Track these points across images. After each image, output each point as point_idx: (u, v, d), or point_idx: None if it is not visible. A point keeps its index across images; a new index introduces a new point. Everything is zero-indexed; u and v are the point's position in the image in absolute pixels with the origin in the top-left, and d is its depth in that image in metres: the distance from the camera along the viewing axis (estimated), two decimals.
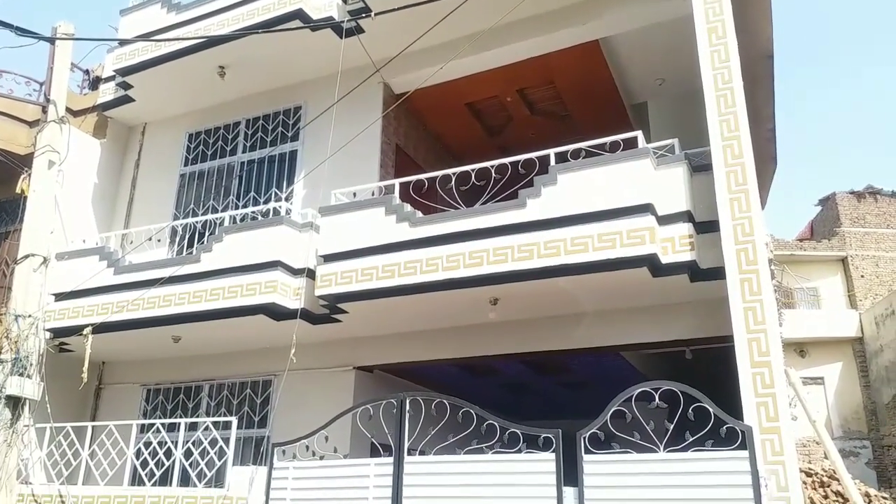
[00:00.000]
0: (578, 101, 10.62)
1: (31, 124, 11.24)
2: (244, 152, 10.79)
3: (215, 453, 7.86)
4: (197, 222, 10.31)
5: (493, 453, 6.22)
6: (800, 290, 25.90)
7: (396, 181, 8.38)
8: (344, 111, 9.26)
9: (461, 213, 7.59)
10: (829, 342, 24.55)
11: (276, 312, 8.27)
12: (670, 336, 7.84)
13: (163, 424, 8.72)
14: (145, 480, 8.19)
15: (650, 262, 6.71)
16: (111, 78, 11.16)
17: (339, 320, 8.52)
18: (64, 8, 64.46)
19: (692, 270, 6.90)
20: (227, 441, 7.80)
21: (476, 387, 11.40)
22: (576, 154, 7.36)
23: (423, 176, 8.37)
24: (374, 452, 7.61)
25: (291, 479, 7.10)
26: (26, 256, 8.82)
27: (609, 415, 5.90)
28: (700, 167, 7.11)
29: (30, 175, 9.27)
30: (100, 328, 8.92)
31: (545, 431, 6.05)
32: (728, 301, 6.24)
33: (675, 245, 6.85)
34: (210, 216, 9.97)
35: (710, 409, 5.58)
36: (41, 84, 11.23)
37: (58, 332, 9.35)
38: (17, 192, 9.58)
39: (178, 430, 8.16)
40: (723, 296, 6.34)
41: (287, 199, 9.87)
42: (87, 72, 12.25)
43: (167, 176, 11.31)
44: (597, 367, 10.34)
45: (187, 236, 10.62)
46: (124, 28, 10.95)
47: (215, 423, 8.10)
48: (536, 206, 7.18)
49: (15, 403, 8.20)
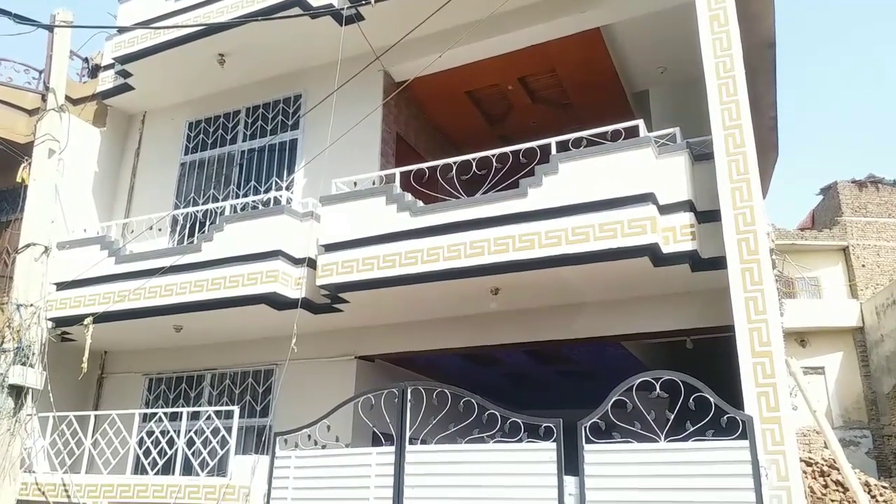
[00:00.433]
0: (580, 89, 10.57)
1: (30, 113, 11.19)
2: (244, 141, 10.76)
3: (217, 442, 7.90)
4: (197, 211, 10.30)
5: (495, 443, 6.25)
6: (801, 279, 25.90)
7: (397, 170, 8.36)
8: (344, 100, 9.22)
9: (462, 202, 7.57)
10: (830, 332, 24.58)
11: (277, 302, 8.27)
12: (671, 326, 7.85)
13: (165, 414, 8.76)
14: (148, 469, 8.25)
15: (651, 252, 6.71)
16: (110, 66, 11.11)
17: (341, 310, 8.53)
18: None
19: (693, 260, 6.89)
20: (229, 430, 7.84)
21: (477, 376, 11.42)
22: (577, 143, 7.33)
23: (423, 165, 8.35)
24: (376, 442, 7.64)
25: (293, 468, 7.15)
26: (27, 246, 8.80)
27: (610, 404, 5.91)
28: (701, 156, 7.08)
29: (30, 164, 9.23)
30: (101, 318, 8.92)
31: (546, 421, 6.08)
32: (729, 291, 6.24)
33: (676, 235, 6.84)
34: (211, 205, 9.96)
35: (711, 399, 5.59)
36: (40, 72, 11.18)
37: (59, 322, 9.36)
38: (18, 181, 9.55)
39: (180, 420, 8.20)
40: (724, 285, 6.34)
41: (288, 189, 9.85)
42: (86, 60, 12.18)
43: (167, 165, 11.28)
44: (598, 356, 10.35)
45: (188, 225, 10.61)
46: (123, 15, 10.89)
47: (217, 413, 8.14)
48: (537, 195, 7.16)
49: (18, 392, 8.21)
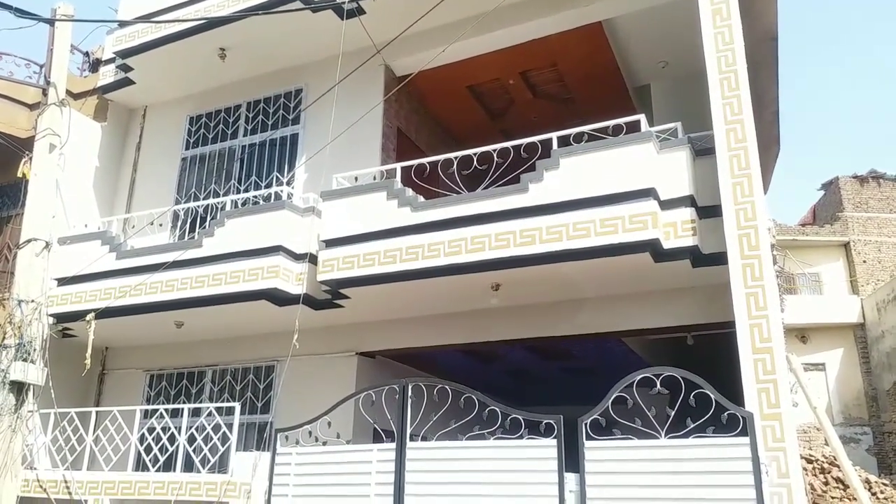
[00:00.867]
0: (581, 83, 10.53)
1: (31, 107, 11.19)
2: (245, 136, 10.73)
3: (219, 439, 7.91)
4: (198, 206, 10.29)
5: (495, 439, 6.24)
6: (802, 275, 25.88)
7: (398, 165, 8.33)
8: (345, 94, 9.19)
9: (463, 197, 7.55)
10: (831, 328, 24.58)
11: (278, 298, 8.27)
12: (672, 322, 7.84)
13: (166, 410, 8.78)
14: (149, 466, 8.26)
15: (652, 248, 6.69)
16: (111, 60, 11.09)
17: (342, 306, 8.52)
18: None
19: (694, 256, 6.88)
20: (230, 426, 7.84)
21: (478, 373, 11.43)
22: (578, 138, 7.31)
23: (424, 160, 8.31)
24: (377, 438, 7.65)
25: (294, 464, 7.15)
26: (28, 241, 8.80)
27: (611, 401, 5.91)
28: (703, 151, 7.05)
29: (31, 159, 9.23)
30: (103, 313, 8.92)
31: (547, 417, 6.08)
32: (730, 286, 6.22)
33: (677, 230, 6.82)
34: (212, 200, 9.96)
35: (712, 396, 5.58)
36: (41, 66, 11.13)
37: (61, 318, 9.37)
38: (19, 176, 9.55)
39: (181, 416, 8.21)
40: (725, 281, 6.32)
41: (288, 184, 9.84)
42: (87, 54, 12.15)
43: (168, 159, 11.27)
44: (598, 352, 10.36)
45: (189, 221, 10.58)
46: (124, 9, 10.85)
47: (218, 409, 8.16)
48: (538, 190, 7.14)
49: (19, 389, 8.23)
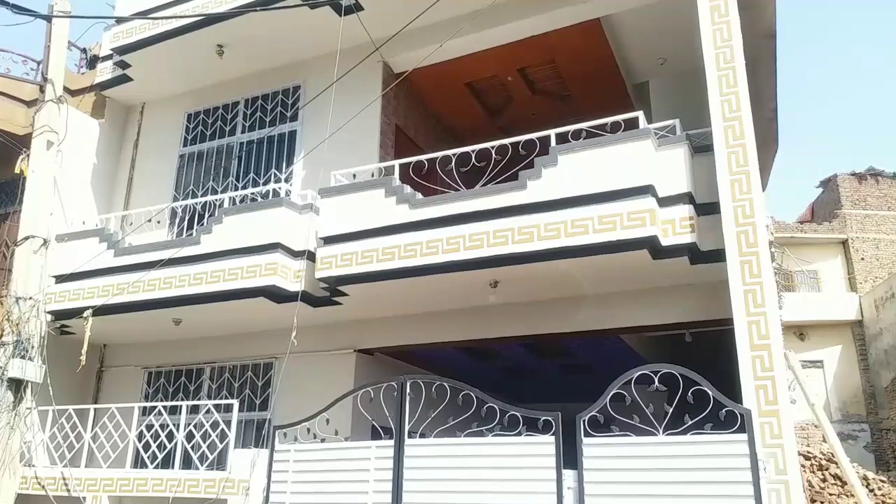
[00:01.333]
0: (579, 80, 10.52)
1: (28, 104, 11.15)
2: (243, 132, 10.71)
3: (217, 436, 7.91)
4: (196, 203, 10.27)
5: (494, 436, 6.25)
6: (800, 272, 25.88)
7: (396, 162, 8.33)
8: (343, 91, 9.18)
9: (461, 194, 7.55)
10: (829, 325, 24.59)
11: (276, 295, 8.26)
12: (670, 319, 7.84)
13: (164, 407, 8.78)
14: (147, 463, 8.26)
15: (650, 245, 6.69)
16: (109, 57, 11.06)
17: (340, 303, 8.52)
18: None
19: (692, 253, 6.88)
20: (228, 424, 7.85)
21: (476, 370, 11.43)
22: (576, 135, 7.30)
23: (423, 157, 8.31)
24: (375, 435, 7.66)
25: (293, 461, 7.14)
26: (26, 238, 8.82)
27: (609, 398, 5.91)
28: (701, 148, 7.06)
29: (28, 155, 9.24)
30: (100, 310, 8.92)
31: (545, 414, 6.07)
32: (728, 284, 6.23)
33: (675, 227, 6.82)
34: (209, 197, 9.93)
35: (710, 393, 5.59)
36: (38, 63, 11.12)
37: (59, 315, 9.36)
38: (16, 172, 9.54)
39: (179, 413, 8.21)
40: (723, 278, 6.32)
41: (287, 181, 9.82)
42: (84, 50, 12.12)
43: (166, 156, 11.24)
44: (597, 349, 10.36)
45: (187, 218, 10.56)
46: (121, 6, 10.84)
47: (217, 406, 8.14)
48: (537, 187, 7.14)
49: (17, 386, 8.24)
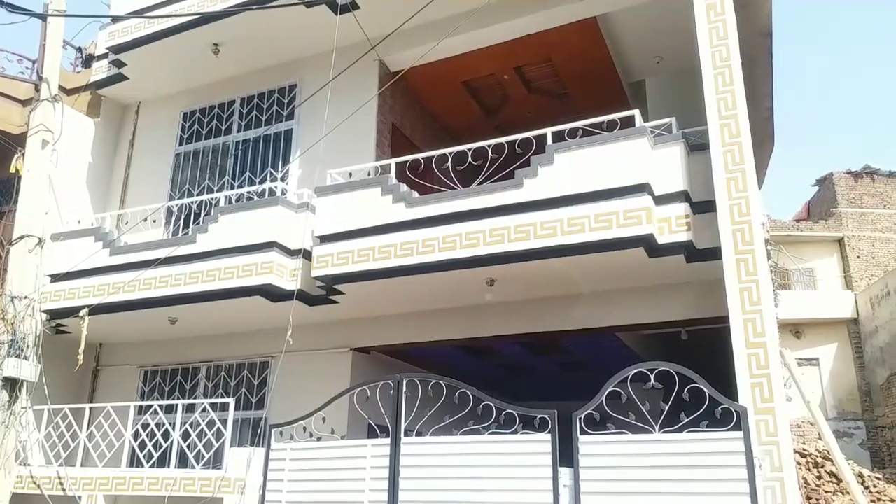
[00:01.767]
0: (576, 79, 10.53)
1: (24, 103, 11.12)
2: (239, 131, 10.70)
3: (213, 435, 7.89)
4: (192, 203, 10.25)
5: (490, 434, 6.25)
6: (796, 270, 25.94)
7: (392, 161, 8.32)
8: (339, 90, 9.17)
9: (458, 193, 7.54)
10: (825, 323, 24.64)
11: (272, 294, 8.25)
12: (666, 317, 7.84)
13: (160, 406, 8.76)
14: (143, 462, 8.24)
15: (646, 243, 6.69)
16: (104, 56, 11.03)
17: (336, 301, 8.51)
18: None
19: (688, 251, 6.89)
20: (224, 422, 7.83)
21: (473, 368, 11.43)
22: (573, 133, 7.30)
23: (419, 156, 8.31)
24: (371, 434, 7.66)
25: (289, 460, 7.14)
26: (21, 237, 8.78)
27: (605, 396, 5.92)
28: (697, 146, 7.06)
29: (23, 155, 9.19)
30: (96, 309, 8.90)
31: (541, 412, 6.08)
32: (724, 282, 6.23)
33: (671, 225, 6.82)
34: (205, 196, 9.91)
35: (706, 390, 5.60)
36: (34, 62, 11.10)
37: (54, 314, 9.33)
38: (11, 172, 9.50)
39: (175, 412, 8.18)
40: (719, 276, 6.33)
41: (282, 179, 9.80)
42: (79, 49, 12.09)
43: (162, 155, 11.22)
44: (593, 348, 10.37)
45: (183, 217, 10.55)
46: (117, 4, 10.79)
47: (213, 405, 8.12)
48: (533, 185, 7.14)
49: (12, 385, 8.21)
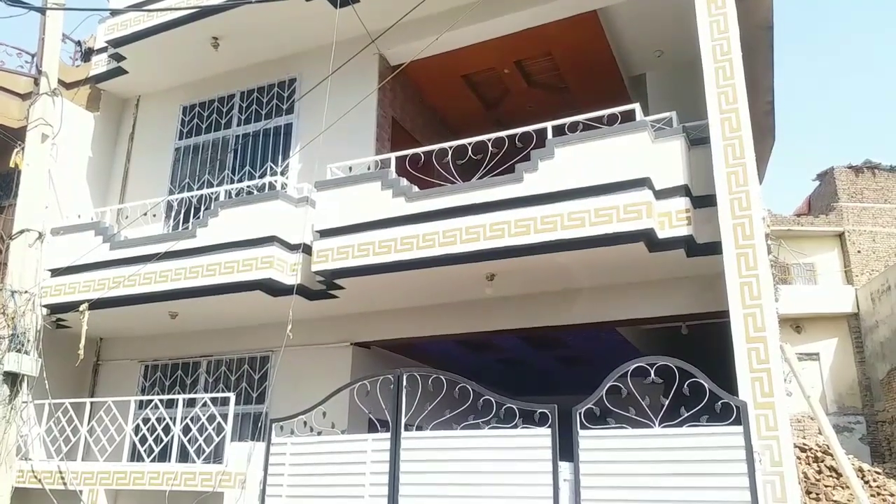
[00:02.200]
0: (576, 72, 10.50)
1: (23, 97, 11.10)
2: (239, 125, 10.68)
3: (213, 429, 7.91)
4: (192, 197, 10.23)
5: (490, 429, 6.26)
6: (796, 265, 25.93)
7: (392, 155, 8.30)
8: (339, 83, 9.14)
9: (458, 187, 7.53)
10: (825, 318, 24.66)
11: (272, 288, 8.24)
12: (666, 311, 7.84)
13: (161, 401, 8.78)
14: (144, 456, 8.25)
15: (647, 237, 6.68)
16: (103, 49, 11.01)
17: (336, 296, 8.50)
18: None
19: (689, 245, 6.87)
20: (225, 417, 7.84)
21: (473, 362, 11.44)
22: (573, 127, 7.29)
23: (419, 150, 8.28)
24: (372, 428, 7.65)
25: (289, 454, 7.15)
26: (21, 232, 8.77)
27: (605, 390, 5.91)
28: (698, 140, 7.04)
29: (23, 149, 9.18)
30: (96, 304, 8.90)
31: (541, 407, 6.09)
32: (724, 276, 6.22)
33: (671, 220, 6.81)
34: (205, 190, 9.91)
35: (706, 385, 5.60)
36: (33, 56, 11.07)
37: (54, 309, 9.33)
38: (11, 166, 9.49)
39: (176, 407, 8.20)
40: (719, 271, 6.33)
41: (283, 174, 9.78)
42: (79, 43, 12.05)
43: (162, 150, 11.20)
44: (593, 342, 10.37)
45: (183, 211, 10.53)
46: None
47: (213, 400, 8.14)
48: (533, 180, 7.12)
49: (13, 379, 8.22)
